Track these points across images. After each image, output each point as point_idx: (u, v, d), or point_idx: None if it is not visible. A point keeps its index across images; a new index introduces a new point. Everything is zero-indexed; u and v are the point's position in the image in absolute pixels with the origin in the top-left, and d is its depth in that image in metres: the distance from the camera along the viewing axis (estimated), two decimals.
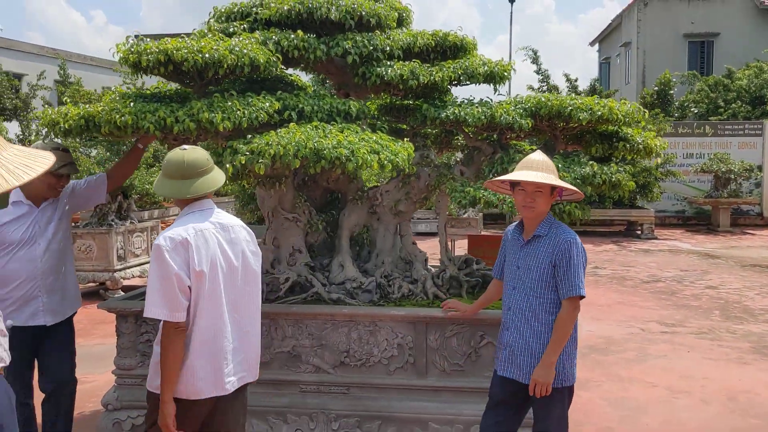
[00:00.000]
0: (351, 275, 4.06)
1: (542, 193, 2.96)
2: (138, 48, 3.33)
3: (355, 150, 3.22)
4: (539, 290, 2.96)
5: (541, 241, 2.99)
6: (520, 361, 3.01)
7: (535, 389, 2.91)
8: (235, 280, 2.67)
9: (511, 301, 3.07)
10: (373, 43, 3.78)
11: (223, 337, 2.63)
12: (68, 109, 3.50)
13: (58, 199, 3.52)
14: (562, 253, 2.91)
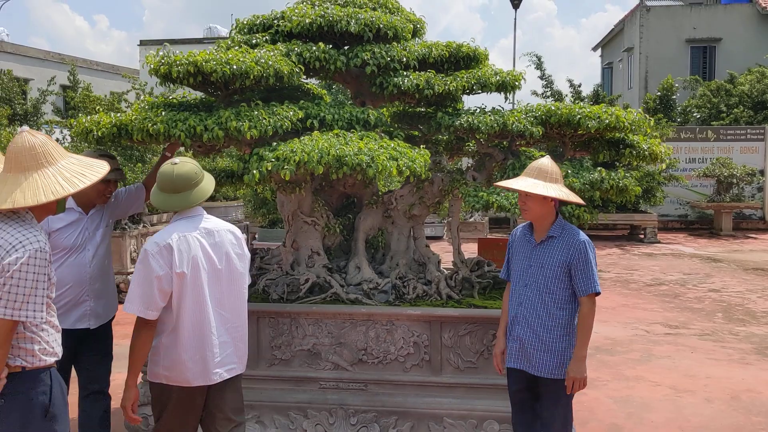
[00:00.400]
0: (367, 276, 4.22)
1: (531, 197, 3.18)
2: (168, 60, 3.50)
3: (375, 157, 3.39)
4: (552, 287, 3.16)
5: (555, 241, 3.19)
6: (530, 353, 3.20)
7: (576, 386, 3.11)
8: (220, 280, 2.90)
9: (522, 297, 3.25)
10: (391, 55, 3.96)
11: (209, 333, 2.86)
12: (100, 117, 3.67)
13: (104, 206, 3.68)
14: (579, 254, 3.11)
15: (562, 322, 3.16)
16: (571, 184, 3.68)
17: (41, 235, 2.35)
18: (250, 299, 4.05)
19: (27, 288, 2.26)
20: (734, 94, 20.75)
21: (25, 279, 2.25)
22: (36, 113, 16.04)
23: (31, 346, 2.35)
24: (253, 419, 3.94)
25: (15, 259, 2.24)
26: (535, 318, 3.19)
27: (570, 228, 3.23)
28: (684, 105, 21.30)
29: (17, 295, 2.24)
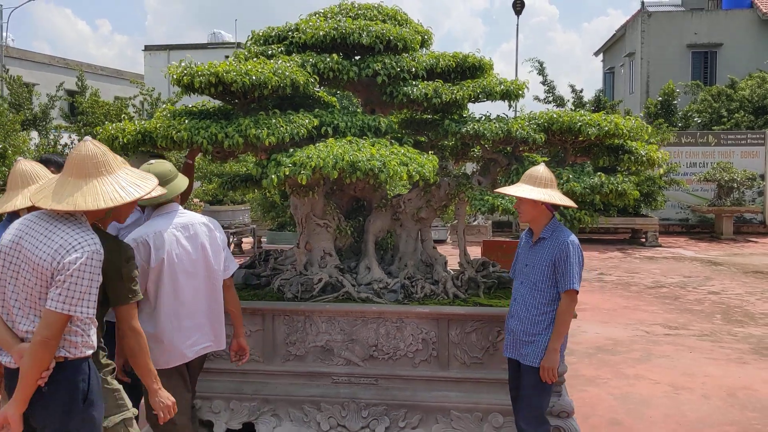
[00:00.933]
0: (377, 277, 4.41)
1: (523, 202, 3.46)
2: (191, 70, 3.69)
3: (387, 162, 3.58)
4: (541, 285, 3.44)
5: (545, 242, 3.47)
6: (520, 344, 3.48)
7: (545, 374, 3.36)
8: (197, 269, 3.20)
9: (517, 293, 3.56)
10: (401, 65, 4.16)
11: (185, 318, 3.19)
12: (125, 125, 3.87)
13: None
14: (561, 253, 3.37)
15: (550, 317, 3.43)
16: (572, 189, 3.87)
17: (96, 237, 2.53)
18: (265, 298, 4.27)
19: (84, 286, 2.44)
20: (735, 99, 20.93)
21: (82, 278, 2.43)
22: (45, 118, 16.26)
23: (76, 339, 2.53)
24: (268, 412, 4.13)
25: (75, 259, 2.42)
26: (526, 312, 3.48)
27: (560, 230, 3.49)
28: (685, 110, 21.48)
29: (75, 292, 2.42)
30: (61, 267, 2.42)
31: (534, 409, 3.45)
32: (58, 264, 2.43)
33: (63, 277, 2.42)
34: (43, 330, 2.43)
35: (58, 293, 2.41)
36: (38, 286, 2.48)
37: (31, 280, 2.48)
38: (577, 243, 3.44)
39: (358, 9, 4.61)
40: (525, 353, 3.45)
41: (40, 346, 2.43)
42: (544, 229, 3.49)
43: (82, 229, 2.51)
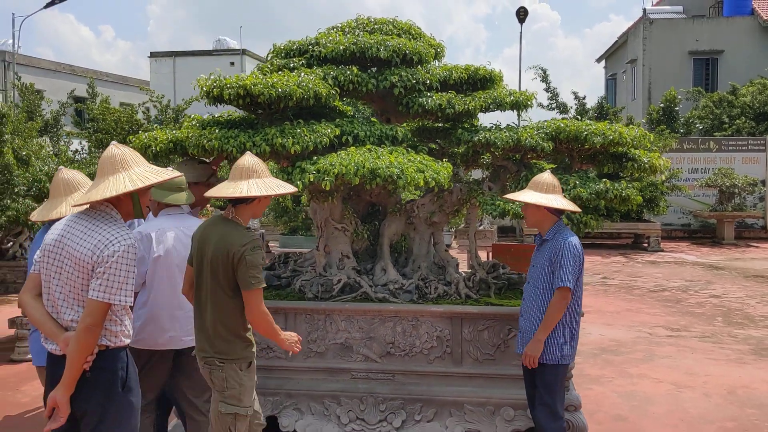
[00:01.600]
0: (392, 278, 4.64)
1: (528, 206, 3.74)
2: (220, 83, 3.93)
3: (404, 169, 3.81)
4: (543, 284, 3.69)
5: (547, 244, 3.72)
6: (528, 339, 3.71)
7: (526, 360, 3.64)
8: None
9: (526, 293, 3.83)
10: (416, 78, 4.40)
11: (177, 308, 3.54)
12: (157, 134, 4.10)
13: (198, 209, 4.14)
14: (557, 252, 3.62)
15: None
16: (578, 194, 4.10)
17: (130, 232, 2.78)
18: (287, 298, 4.50)
19: (121, 276, 2.67)
20: (736, 106, 21.16)
21: (119, 269, 2.67)
22: (56, 124, 16.52)
23: (115, 328, 2.77)
24: (290, 406, 4.35)
25: (112, 252, 2.66)
26: (532, 311, 3.72)
27: (562, 232, 3.73)
28: (687, 116, 21.71)
29: (113, 282, 2.66)
30: (101, 260, 2.66)
31: (547, 404, 3.65)
32: (97, 258, 2.67)
33: (102, 269, 2.65)
34: (87, 318, 2.65)
35: (98, 284, 2.65)
36: (80, 279, 2.70)
37: (74, 273, 2.71)
38: (574, 243, 3.65)
39: (374, 24, 4.85)
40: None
41: (85, 332, 2.64)
42: (547, 231, 3.74)
43: (117, 226, 2.76)
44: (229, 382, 3.13)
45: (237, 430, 3.15)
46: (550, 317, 3.60)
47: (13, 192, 6.64)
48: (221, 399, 3.15)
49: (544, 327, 3.61)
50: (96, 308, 2.65)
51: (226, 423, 3.14)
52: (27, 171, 6.94)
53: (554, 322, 3.61)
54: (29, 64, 32.51)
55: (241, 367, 3.16)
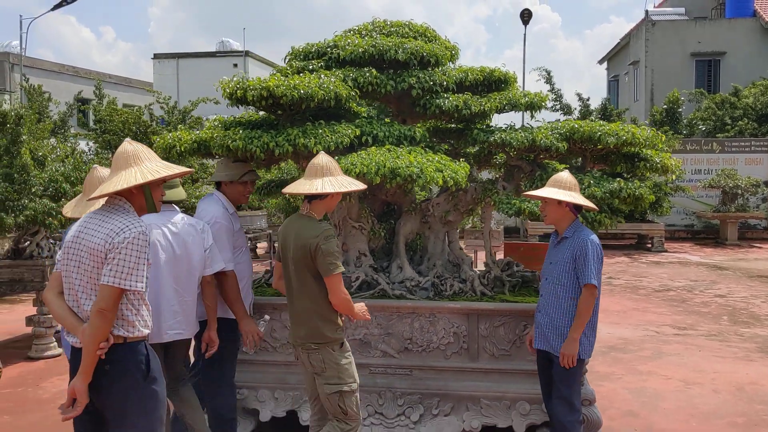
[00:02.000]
0: (409, 275, 4.73)
1: (548, 204, 3.81)
2: (243, 85, 4.03)
3: (424, 169, 3.91)
4: (563, 280, 3.77)
5: (567, 241, 3.81)
6: (548, 336, 3.81)
7: (564, 360, 3.69)
8: (179, 262, 3.64)
9: (543, 289, 3.91)
10: (433, 79, 4.50)
11: (162, 302, 3.59)
12: (181, 134, 4.20)
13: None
14: (581, 250, 3.71)
15: (572, 309, 3.75)
16: (593, 193, 4.19)
17: (142, 222, 2.87)
18: None
19: (131, 262, 2.75)
20: (738, 107, 21.26)
21: (129, 255, 2.75)
22: (63, 126, 16.63)
23: (132, 318, 2.84)
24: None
25: (123, 239, 2.75)
26: (551, 306, 3.82)
27: (582, 230, 3.83)
28: (689, 117, 21.80)
29: (123, 267, 2.74)
30: (112, 247, 2.75)
31: (564, 398, 3.75)
32: (109, 245, 2.76)
33: (113, 254, 2.74)
34: (99, 302, 2.74)
35: (109, 269, 2.74)
36: (96, 269, 2.79)
37: (90, 264, 2.80)
38: (596, 241, 3.76)
39: (391, 26, 4.95)
40: (555, 345, 3.77)
41: (97, 315, 2.72)
42: (566, 229, 3.83)
43: (129, 217, 2.86)
44: (326, 363, 3.43)
45: (347, 405, 3.45)
46: (582, 314, 3.68)
47: (30, 192, 6.73)
48: (324, 381, 3.42)
49: (578, 325, 3.68)
50: (108, 293, 2.73)
51: (335, 401, 3.44)
52: (43, 171, 7.03)
53: (587, 319, 3.70)
54: (32, 65, 32.61)
55: (333, 348, 3.45)
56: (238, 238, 4.09)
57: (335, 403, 3.45)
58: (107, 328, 2.75)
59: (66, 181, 6.91)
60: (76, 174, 7.06)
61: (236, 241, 4.05)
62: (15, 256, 6.97)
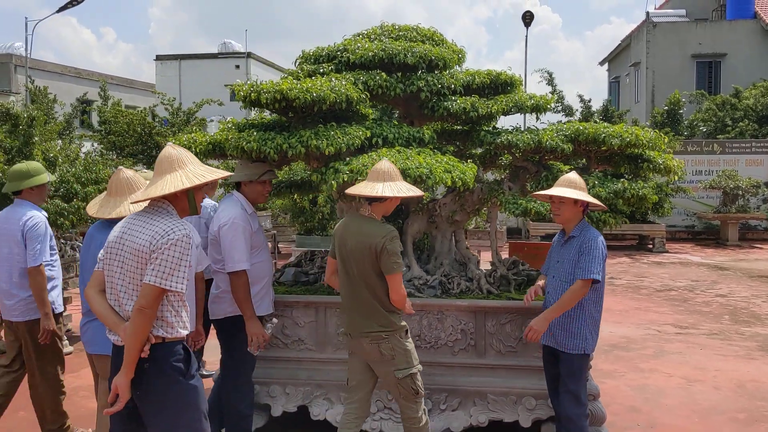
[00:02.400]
0: (417, 274, 4.84)
1: (565, 204, 3.91)
2: (258, 88, 4.14)
3: (433, 169, 4.02)
4: (570, 277, 3.88)
5: (574, 240, 3.92)
6: (555, 332, 3.92)
7: (529, 334, 3.86)
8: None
9: (550, 286, 4.02)
10: (441, 83, 4.62)
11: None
12: (197, 136, 4.32)
13: None
14: (584, 245, 3.83)
15: (579, 306, 3.86)
16: (597, 194, 4.30)
17: (185, 225, 2.96)
18: (317, 293, 4.70)
19: (173, 263, 2.84)
20: (739, 108, 21.36)
21: (172, 256, 2.84)
22: (69, 127, 16.74)
23: (172, 319, 2.93)
24: (321, 396, 4.55)
25: (166, 241, 2.85)
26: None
27: (588, 229, 3.95)
28: (690, 119, 21.90)
29: (165, 268, 2.83)
30: (156, 248, 2.84)
31: (571, 392, 3.86)
32: (154, 246, 2.85)
33: (156, 254, 2.84)
34: (141, 299, 2.83)
35: (151, 269, 2.83)
36: (139, 270, 2.88)
37: (133, 265, 2.89)
38: (602, 240, 3.88)
39: (399, 30, 5.06)
40: (561, 341, 3.88)
41: (137, 313, 2.81)
42: (574, 228, 3.94)
43: (172, 219, 2.94)
44: (396, 350, 3.66)
45: (417, 385, 3.72)
46: (565, 300, 3.78)
47: None
48: (394, 368, 3.67)
49: (557, 308, 3.80)
50: (149, 292, 2.82)
51: (408, 384, 3.68)
52: (55, 172, 7.15)
53: (568, 308, 3.80)
54: (35, 67, 32.74)
55: (401, 335, 3.69)
56: (257, 238, 4.17)
57: (408, 386, 3.69)
58: (148, 326, 2.84)
59: (77, 181, 7.02)
60: (86, 175, 7.18)
61: (254, 241, 4.13)
62: None
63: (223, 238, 4.00)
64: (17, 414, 5.25)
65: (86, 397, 5.52)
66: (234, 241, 3.96)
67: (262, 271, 4.16)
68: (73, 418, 5.11)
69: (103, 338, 3.65)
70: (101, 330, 3.65)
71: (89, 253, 3.78)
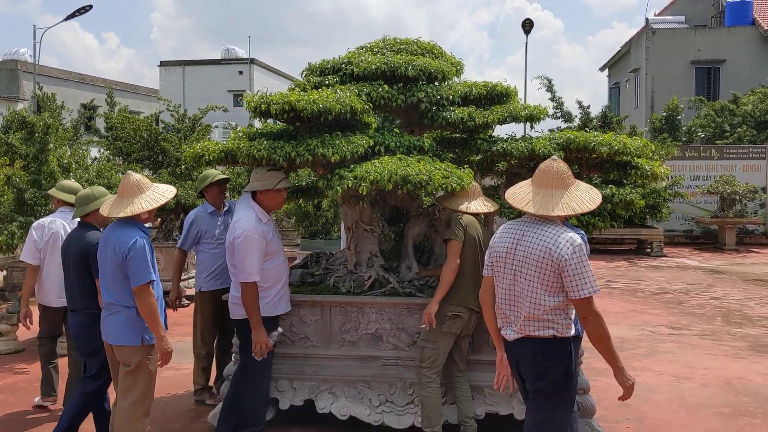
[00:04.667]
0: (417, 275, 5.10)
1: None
2: (267, 99, 4.41)
3: (432, 176, 4.28)
4: None
5: None
6: None
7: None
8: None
9: None
10: (440, 94, 4.89)
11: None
12: (209, 144, 4.59)
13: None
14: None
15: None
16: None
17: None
18: (322, 293, 4.96)
19: (585, 271, 3.17)
20: (737, 114, 21.61)
21: (582, 264, 3.18)
22: (76, 133, 17.02)
23: (561, 320, 3.24)
24: (326, 390, 4.81)
25: (570, 252, 3.18)
26: None
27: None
28: (689, 124, 22.16)
29: (579, 279, 3.15)
30: (560, 260, 3.14)
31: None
32: (555, 257, 3.15)
33: (569, 269, 3.13)
34: (586, 313, 3.20)
35: (570, 283, 3.14)
36: (538, 276, 3.21)
37: (530, 272, 3.21)
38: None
39: (400, 44, 5.34)
40: None
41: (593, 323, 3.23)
42: None
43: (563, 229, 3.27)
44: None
45: None
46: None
47: None
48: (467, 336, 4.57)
49: None
50: (584, 304, 3.21)
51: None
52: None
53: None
54: (39, 72, 33.12)
55: None
56: (272, 245, 4.39)
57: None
58: (600, 330, 3.25)
59: (90, 185, 7.29)
60: (99, 180, 7.45)
61: (270, 248, 4.36)
62: None
63: (237, 250, 4.25)
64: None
65: None
66: (247, 254, 4.21)
67: (279, 273, 4.43)
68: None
69: (119, 330, 3.97)
70: (119, 322, 3.97)
71: (106, 252, 3.99)
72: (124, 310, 3.96)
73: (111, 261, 3.94)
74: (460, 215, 4.51)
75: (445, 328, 4.39)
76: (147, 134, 15.00)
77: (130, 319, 3.95)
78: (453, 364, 4.53)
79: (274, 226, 4.56)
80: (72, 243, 4.50)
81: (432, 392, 4.41)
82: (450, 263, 4.43)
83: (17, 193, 6.93)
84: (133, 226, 3.97)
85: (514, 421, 4.62)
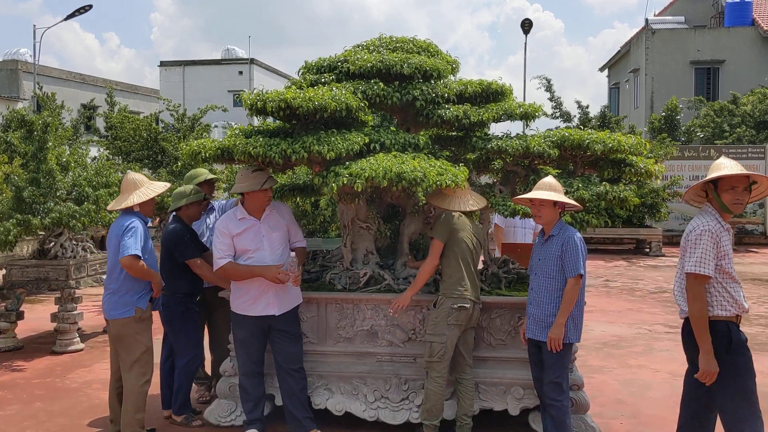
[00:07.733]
0: (413, 272, 5.12)
1: (545, 206, 4.22)
2: (264, 97, 4.44)
3: (427, 173, 4.30)
4: (553, 273, 4.19)
5: (554, 239, 4.23)
6: (541, 326, 4.20)
7: (551, 344, 4.09)
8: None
9: (534, 283, 4.31)
10: (435, 92, 4.91)
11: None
12: (206, 142, 4.61)
13: (272, 212, 4.63)
14: (568, 245, 4.13)
15: (557, 299, 4.15)
16: (581, 196, 4.59)
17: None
18: (318, 290, 4.99)
19: (699, 252, 3.79)
20: (737, 115, 21.64)
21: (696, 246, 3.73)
22: (75, 133, 17.07)
23: (713, 300, 3.68)
24: (322, 386, 4.84)
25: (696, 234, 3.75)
26: (542, 298, 4.22)
27: (566, 228, 4.27)
28: (688, 125, 22.19)
29: (693, 256, 3.78)
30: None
31: (555, 381, 4.13)
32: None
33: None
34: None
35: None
36: None
37: None
38: (580, 237, 4.20)
39: (396, 42, 5.36)
40: (545, 333, 4.15)
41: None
42: (553, 228, 4.24)
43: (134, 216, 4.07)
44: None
45: None
46: (568, 302, 4.08)
47: (56, 196, 7.15)
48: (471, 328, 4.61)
49: (563, 311, 4.08)
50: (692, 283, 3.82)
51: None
52: (67, 176, 7.46)
53: (572, 306, 4.10)
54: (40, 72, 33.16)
55: None
56: (241, 241, 4.54)
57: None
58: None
59: (88, 185, 7.32)
60: (97, 179, 7.48)
61: (239, 244, 4.55)
62: (40, 256, 7.38)
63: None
64: (34, 404, 5.54)
65: (99, 389, 5.81)
66: (216, 242, 4.58)
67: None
68: (87, 408, 5.41)
69: (114, 306, 4.44)
70: (113, 300, 4.47)
71: (111, 241, 4.47)
72: (119, 290, 4.46)
73: (114, 247, 4.41)
74: (450, 213, 4.55)
75: (452, 320, 4.40)
76: (146, 134, 15.08)
77: (123, 297, 4.44)
78: (461, 358, 4.55)
79: (258, 227, 4.58)
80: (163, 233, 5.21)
81: (438, 387, 4.44)
82: (428, 262, 4.53)
83: (16, 191, 6.96)
84: (133, 215, 4.44)
85: (508, 416, 4.65)
